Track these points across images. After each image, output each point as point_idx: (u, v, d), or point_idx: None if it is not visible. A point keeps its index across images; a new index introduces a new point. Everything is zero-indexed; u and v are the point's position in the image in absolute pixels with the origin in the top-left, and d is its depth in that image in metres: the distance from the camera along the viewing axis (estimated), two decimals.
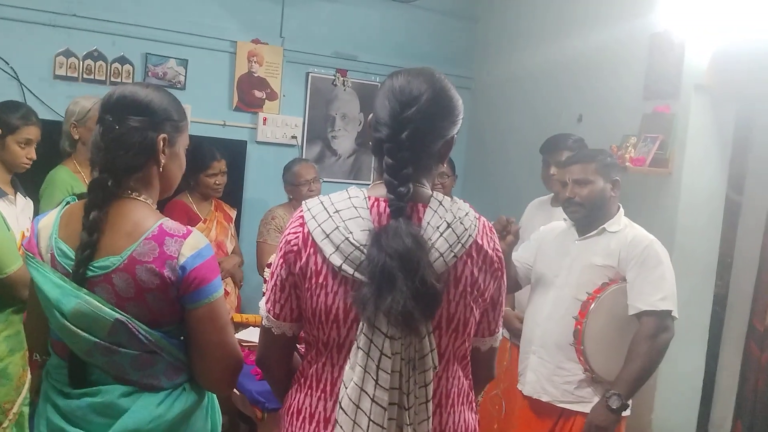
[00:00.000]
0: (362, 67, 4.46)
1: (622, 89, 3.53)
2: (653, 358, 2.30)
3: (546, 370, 2.46)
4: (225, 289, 3.53)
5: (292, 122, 4.31)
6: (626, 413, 2.40)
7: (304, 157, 4.24)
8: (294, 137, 4.31)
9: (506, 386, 2.95)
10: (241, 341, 2.85)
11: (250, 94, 4.16)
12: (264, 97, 4.20)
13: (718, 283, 3.50)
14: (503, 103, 4.52)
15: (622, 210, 2.50)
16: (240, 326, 3.06)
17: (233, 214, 3.74)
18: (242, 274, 3.73)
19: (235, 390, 2.62)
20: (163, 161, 1.52)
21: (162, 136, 1.51)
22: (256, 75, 4.15)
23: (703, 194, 3.23)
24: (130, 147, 1.47)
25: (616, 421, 2.27)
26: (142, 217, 1.47)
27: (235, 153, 4.01)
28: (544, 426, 2.47)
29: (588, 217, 2.46)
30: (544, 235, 2.68)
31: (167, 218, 1.50)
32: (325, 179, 4.07)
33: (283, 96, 4.27)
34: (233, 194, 3.97)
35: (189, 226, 1.51)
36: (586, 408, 2.36)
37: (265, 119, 4.19)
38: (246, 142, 4.16)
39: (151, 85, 1.59)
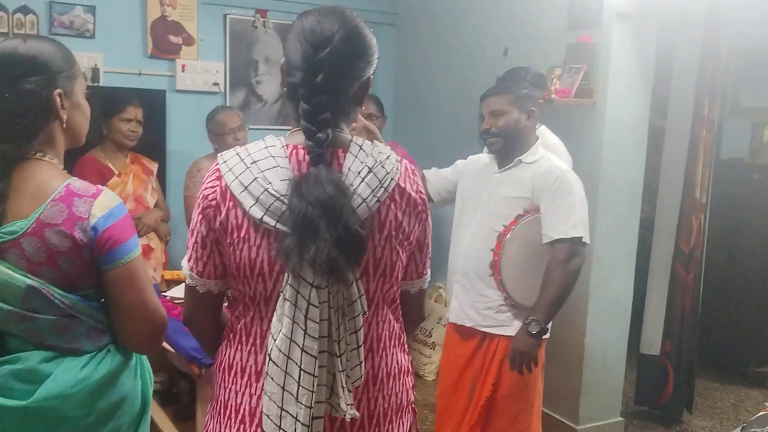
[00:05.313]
0: (283, 6, 4.26)
1: (546, 20, 3.50)
2: (566, 282, 2.40)
3: (468, 297, 2.58)
4: (149, 245, 3.46)
5: (213, 68, 4.13)
6: (546, 336, 2.50)
7: (227, 104, 4.09)
8: (216, 84, 4.14)
9: None
10: (173, 298, 2.79)
11: (165, 39, 3.96)
12: (180, 42, 4.00)
13: (645, 208, 3.60)
14: (429, 38, 4.44)
15: (540, 141, 2.57)
16: (171, 283, 2.98)
17: (154, 167, 3.61)
18: (168, 229, 3.62)
19: (170, 348, 2.57)
20: (65, 117, 1.44)
21: (57, 91, 1.42)
22: (170, 19, 3.94)
23: (628, 122, 3.27)
24: (26, 113, 1.38)
25: (537, 344, 2.39)
26: (46, 179, 1.40)
27: (154, 103, 3.84)
28: (468, 347, 2.59)
29: (505, 149, 2.52)
30: (468, 165, 2.73)
31: (75, 178, 1.43)
32: (251, 127, 3.94)
33: (201, 40, 4.08)
34: (155, 146, 3.83)
35: (99, 185, 1.44)
36: (507, 331, 2.50)
37: (183, 66, 4.01)
38: (165, 91, 3.98)
39: (28, 36, 1.49)
